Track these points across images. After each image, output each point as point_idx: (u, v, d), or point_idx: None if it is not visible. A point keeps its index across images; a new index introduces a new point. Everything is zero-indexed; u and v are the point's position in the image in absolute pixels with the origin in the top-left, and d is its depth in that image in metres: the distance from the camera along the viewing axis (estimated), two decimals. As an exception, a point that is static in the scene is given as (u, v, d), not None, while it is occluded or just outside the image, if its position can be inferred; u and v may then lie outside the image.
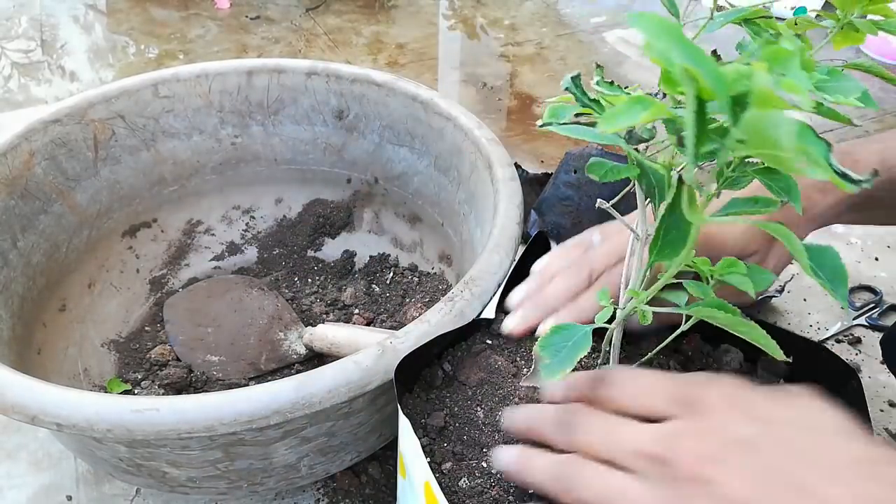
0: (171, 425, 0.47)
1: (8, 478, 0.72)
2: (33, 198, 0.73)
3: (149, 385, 0.76)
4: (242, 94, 0.85)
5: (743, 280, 0.34)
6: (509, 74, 1.47)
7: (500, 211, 0.64)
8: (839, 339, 0.87)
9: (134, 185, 0.84)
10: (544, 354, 0.39)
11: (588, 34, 1.62)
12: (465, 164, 0.76)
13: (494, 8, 1.73)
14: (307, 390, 0.48)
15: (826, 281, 0.32)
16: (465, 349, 0.53)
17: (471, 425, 0.48)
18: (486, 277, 0.57)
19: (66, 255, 0.77)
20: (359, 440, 0.60)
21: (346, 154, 0.89)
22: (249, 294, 0.85)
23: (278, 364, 0.80)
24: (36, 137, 0.73)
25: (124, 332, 0.82)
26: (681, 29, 0.24)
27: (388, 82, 0.82)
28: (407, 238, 0.91)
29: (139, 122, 0.82)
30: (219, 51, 1.53)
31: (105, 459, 0.57)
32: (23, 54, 1.51)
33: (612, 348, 0.45)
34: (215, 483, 0.58)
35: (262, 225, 0.94)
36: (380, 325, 0.83)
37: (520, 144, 1.25)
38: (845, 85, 0.28)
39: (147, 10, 1.67)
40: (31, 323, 0.71)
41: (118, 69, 1.46)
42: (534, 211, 0.94)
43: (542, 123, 0.35)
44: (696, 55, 0.24)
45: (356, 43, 1.58)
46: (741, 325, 0.35)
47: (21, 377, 0.50)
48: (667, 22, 0.24)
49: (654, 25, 0.24)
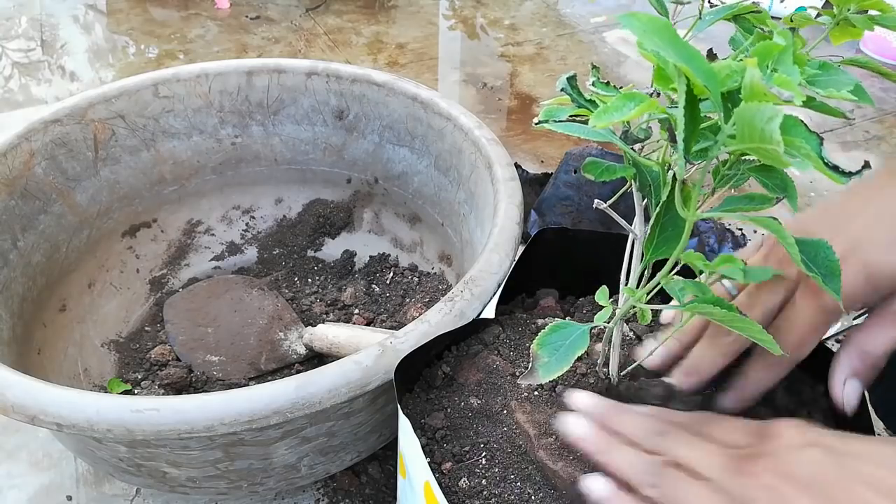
0: (171, 425, 0.47)
1: (8, 478, 0.72)
2: (33, 198, 0.73)
3: (149, 385, 0.76)
4: (242, 94, 0.86)
5: (735, 272, 0.34)
6: (509, 74, 1.47)
7: (500, 211, 0.64)
8: (839, 339, 0.86)
9: (134, 185, 0.84)
10: (542, 353, 0.39)
11: (588, 34, 1.62)
12: (465, 164, 0.76)
13: (494, 8, 1.73)
14: (307, 390, 0.48)
15: (819, 275, 0.32)
16: (464, 349, 0.53)
17: (470, 425, 0.48)
18: (486, 277, 0.57)
19: (66, 255, 0.77)
20: (359, 440, 0.60)
21: (346, 154, 0.89)
22: (249, 294, 0.86)
23: (278, 364, 0.80)
24: (36, 137, 0.73)
25: (124, 332, 0.82)
26: (672, 27, 0.24)
27: (388, 82, 0.82)
28: (407, 238, 0.91)
29: (139, 122, 0.82)
30: (219, 51, 1.53)
31: (105, 459, 0.57)
32: (23, 54, 1.51)
33: (611, 348, 0.45)
34: (215, 483, 0.58)
35: (262, 225, 0.94)
36: (380, 325, 0.83)
37: (520, 144, 1.25)
38: (837, 79, 0.28)
39: (147, 10, 1.68)
40: (31, 323, 0.71)
41: (118, 69, 1.47)
42: (534, 211, 0.94)
43: (537, 121, 0.35)
44: (687, 53, 0.24)
45: (356, 43, 1.58)
46: (737, 321, 0.35)
47: (21, 377, 0.51)
48: (658, 20, 0.24)
49: (645, 24, 0.24)
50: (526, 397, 0.47)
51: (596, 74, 0.36)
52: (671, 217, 0.34)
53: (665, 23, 0.24)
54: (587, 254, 0.58)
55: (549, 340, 0.39)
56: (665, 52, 0.23)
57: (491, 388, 0.50)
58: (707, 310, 0.35)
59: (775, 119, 0.23)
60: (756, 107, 0.23)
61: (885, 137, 1.29)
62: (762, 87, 0.23)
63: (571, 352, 0.38)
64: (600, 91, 0.34)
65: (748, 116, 0.23)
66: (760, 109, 0.23)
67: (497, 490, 0.44)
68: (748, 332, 0.36)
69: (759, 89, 0.23)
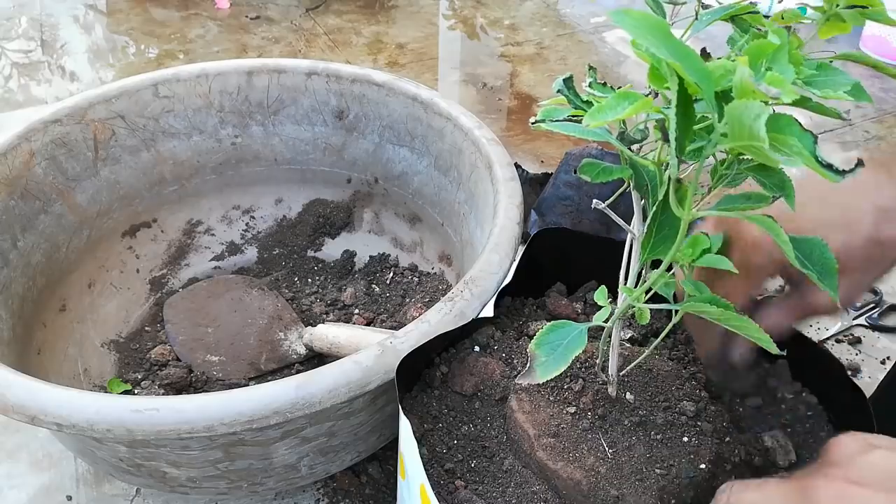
0: (171, 425, 0.47)
1: (8, 478, 0.72)
2: (33, 198, 0.73)
3: (149, 385, 0.76)
4: (242, 94, 0.86)
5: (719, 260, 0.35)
6: (509, 74, 1.47)
7: (500, 211, 0.64)
8: (839, 339, 0.86)
9: (134, 185, 0.84)
10: (540, 353, 0.39)
11: (588, 34, 1.62)
12: (465, 164, 0.76)
13: (494, 8, 1.73)
14: (307, 390, 0.48)
15: (814, 272, 0.32)
16: (462, 350, 0.53)
17: (470, 426, 0.48)
18: (486, 277, 0.57)
19: (66, 255, 0.77)
20: (359, 440, 0.60)
21: (346, 154, 0.89)
22: (249, 294, 0.86)
23: (278, 364, 0.80)
24: (36, 137, 0.73)
25: (124, 332, 0.82)
26: (666, 25, 0.24)
27: (388, 82, 0.82)
28: (407, 238, 0.91)
29: (139, 122, 0.82)
30: (219, 51, 1.53)
31: (105, 459, 0.57)
32: (23, 54, 1.51)
33: (610, 348, 0.45)
34: (215, 483, 0.58)
35: (262, 225, 0.94)
36: (380, 325, 0.83)
37: (520, 144, 1.25)
38: (834, 79, 0.28)
39: (147, 10, 1.68)
40: (31, 323, 0.71)
41: (118, 69, 1.47)
42: (534, 211, 0.94)
43: (534, 121, 0.35)
44: (680, 51, 0.24)
45: (356, 43, 1.58)
46: (734, 319, 0.35)
47: (21, 377, 0.51)
48: (652, 18, 0.24)
49: (640, 23, 0.24)
50: (525, 397, 0.47)
51: (593, 75, 0.36)
52: (668, 216, 0.34)
53: (659, 21, 0.24)
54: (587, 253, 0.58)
55: (547, 340, 0.40)
56: (658, 50, 0.23)
57: (490, 388, 0.50)
58: (703, 308, 0.35)
59: (762, 116, 0.23)
60: (745, 104, 0.23)
61: (885, 137, 1.29)
62: (751, 86, 0.23)
63: (569, 351, 0.38)
64: (597, 92, 0.34)
65: (737, 114, 0.23)
66: (748, 107, 0.23)
67: (497, 490, 0.45)
68: (745, 331, 0.36)
69: (748, 87, 0.23)
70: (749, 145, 0.24)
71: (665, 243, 0.34)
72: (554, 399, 0.46)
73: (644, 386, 0.47)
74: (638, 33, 0.24)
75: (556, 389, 0.46)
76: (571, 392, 0.46)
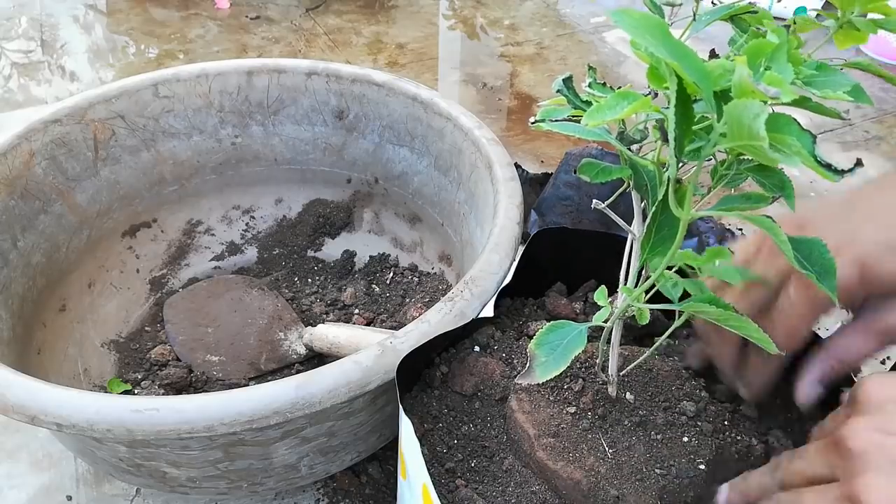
0: (171, 425, 0.47)
1: (8, 478, 0.72)
2: (33, 198, 0.73)
3: (149, 385, 0.76)
4: (242, 94, 0.86)
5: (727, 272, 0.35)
6: (509, 74, 1.47)
7: (500, 211, 0.64)
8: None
9: (134, 185, 0.84)
10: (539, 353, 0.39)
11: (588, 34, 1.62)
12: (465, 164, 0.76)
13: (494, 8, 1.73)
14: (307, 390, 0.48)
15: (813, 273, 0.32)
16: (462, 350, 0.53)
17: (469, 426, 0.48)
18: (486, 277, 0.57)
19: (66, 255, 0.77)
20: (359, 440, 0.60)
21: (346, 154, 0.89)
22: (249, 294, 0.86)
23: (278, 364, 0.80)
24: (36, 137, 0.73)
25: (124, 332, 0.82)
26: (665, 26, 0.24)
27: (388, 82, 0.82)
28: (407, 238, 0.91)
29: (139, 122, 0.82)
30: (219, 51, 1.53)
31: (105, 459, 0.57)
32: (23, 54, 1.51)
33: (610, 348, 0.45)
34: (215, 483, 0.58)
35: (262, 225, 0.94)
36: (380, 325, 0.83)
37: (520, 144, 1.25)
38: (834, 80, 0.28)
39: (147, 10, 1.68)
40: (31, 323, 0.71)
41: (118, 69, 1.47)
42: (534, 211, 0.94)
43: (533, 121, 0.35)
44: (679, 51, 0.24)
45: (356, 43, 1.58)
46: (733, 319, 0.35)
47: (21, 377, 0.51)
48: (651, 18, 0.24)
49: (638, 22, 0.24)
50: (525, 397, 0.47)
51: (592, 75, 0.36)
52: (668, 216, 0.34)
53: (658, 21, 0.24)
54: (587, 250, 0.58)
55: (546, 340, 0.40)
56: (657, 50, 0.23)
57: (490, 388, 0.50)
58: (703, 309, 0.35)
59: (761, 115, 0.23)
60: (744, 103, 0.23)
61: (885, 137, 1.28)
62: (750, 85, 0.23)
63: (569, 351, 0.38)
64: (596, 92, 0.34)
65: (736, 114, 0.23)
66: (748, 106, 0.23)
67: (497, 490, 0.45)
68: (745, 332, 0.36)
69: (747, 87, 0.23)
70: (748, 145, 0.24)
71: (665, 243, 0.34)
72: (554, 399, 0.46)
73: (644, 386, 0.47)
74: (637, 33, 0.24)
75: (556, 389, 0.46)
76: (571, 392, 0.46)
